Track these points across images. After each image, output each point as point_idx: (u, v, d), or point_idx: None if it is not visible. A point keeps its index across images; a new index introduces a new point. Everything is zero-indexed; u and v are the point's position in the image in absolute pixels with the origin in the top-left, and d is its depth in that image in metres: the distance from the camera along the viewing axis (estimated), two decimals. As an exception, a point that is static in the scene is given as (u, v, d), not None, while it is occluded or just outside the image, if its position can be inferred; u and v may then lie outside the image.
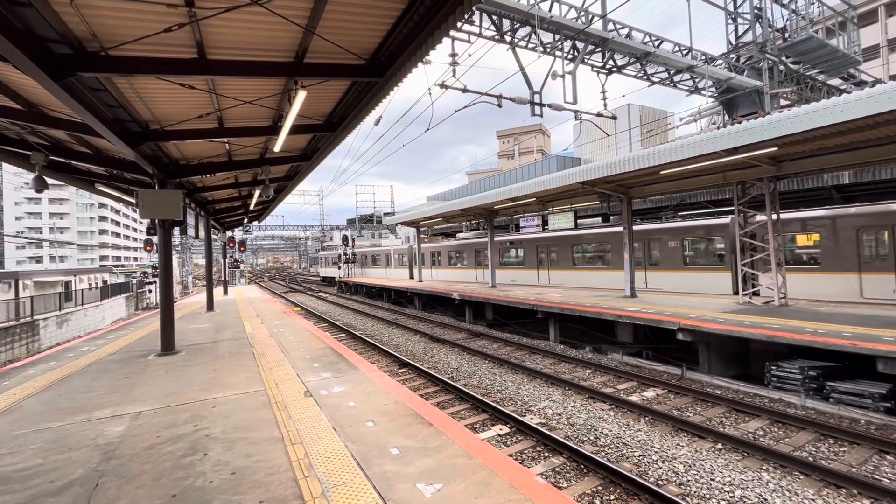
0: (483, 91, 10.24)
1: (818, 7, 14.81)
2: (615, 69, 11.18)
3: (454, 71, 9.27)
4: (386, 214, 55.45)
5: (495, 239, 22.32)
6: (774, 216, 10.77)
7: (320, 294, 32.60)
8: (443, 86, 9.57)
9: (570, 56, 10.13)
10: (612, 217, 17.46)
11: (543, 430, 6.10)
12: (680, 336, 8.87)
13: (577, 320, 12.07)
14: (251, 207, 16.47)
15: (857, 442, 5.71)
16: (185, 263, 46.27)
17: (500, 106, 10.22)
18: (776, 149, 9.13)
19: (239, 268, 41.09)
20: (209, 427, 4.55)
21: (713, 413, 6.98)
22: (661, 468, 5.22)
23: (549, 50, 9.90)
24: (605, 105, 11.42)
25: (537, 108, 9.89)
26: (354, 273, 39.37)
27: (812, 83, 15.13)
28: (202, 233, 12.83)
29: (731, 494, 4.63)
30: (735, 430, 6.33)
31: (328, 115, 7.58)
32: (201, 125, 7.10)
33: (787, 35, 13.20)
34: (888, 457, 5.37)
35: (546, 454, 5.69)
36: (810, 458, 5.36)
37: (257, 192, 12.41)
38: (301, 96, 5.56)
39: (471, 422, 6.88)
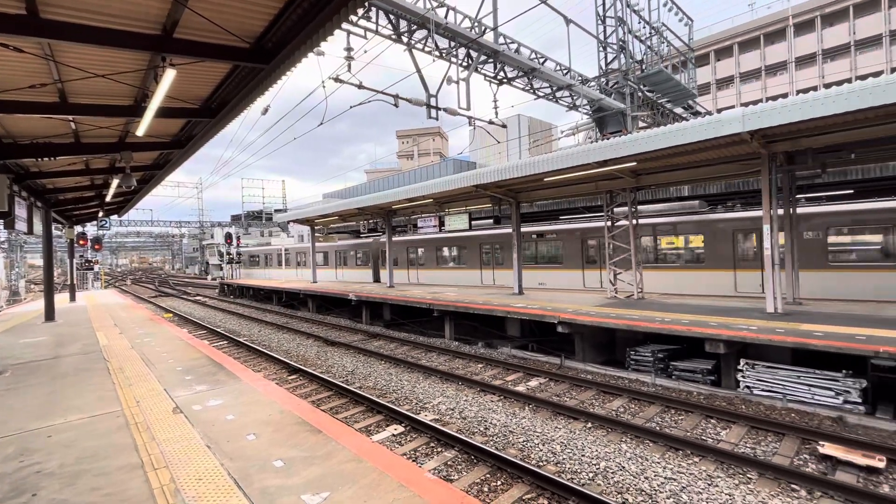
0: (380, 89, 10.16)
1: (667, 47, 17.53)
2: (506, 80, 11.95)
3: (349, 66, 9.03)
4: (277, 211, 51.84)
5: (397, 239, 22.37)
6: (635, 221, 12.46)
7: (198, 298, 29.26)
8: (337, 80, 9.25)
9: (464, 63, 10.56)
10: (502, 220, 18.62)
11: (437, 425, 6.25)
12: (560, 328, 9.78)
13: (471, 317, 12.61)
14: (108, 199, 14.12)
15: (690, 410, 6.87)
16: (15, 264, 37.89)
17: (396, 106, 10.23)
18: (635, 163, 10.57)
19: (93, 269, 34.87)
20: (42, 461, 3.79)
21: (585, 396, 7.83)
22: (541, 451, 5.70)
23: (444, 55, 10.19)
24: (497, 113, 12.16)
25: (433, 111, 10.11)
26: (240, 274, 36.14)
27: (663, 110, 17.86)
28: (38, 227, 10.62)
29: (597, 466, 5.23)
30: (602, 409, 7.17)
31: (206, 99, 6.83)
32: (34, 97, 5.88)
33: (643, 67, 15.44)
34: (712, 420, 6.55)
35: (439, 449, 5.83)
36: (657, 428, 6.31)
37: (115, 182, 10.68)
38: (169, 75, 4.92)
39: (365, 424, 6.76)
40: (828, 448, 5.21)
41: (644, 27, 16.42)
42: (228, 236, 34.79)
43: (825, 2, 34.53)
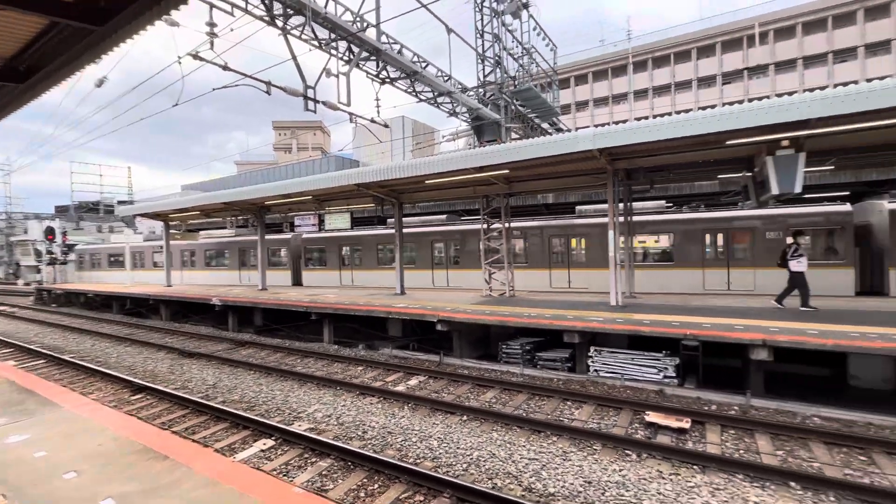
0: (249, 73, 9.27)
1: (536, 67, 19.37)
2: (388, 80, 11.92)
3: (212, 43, 8.06)
4: (121, 203, 43.96)
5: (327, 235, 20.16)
6: (507, 224, 13.46)
7: (3, 308, 23.31)
8: (197, 57, 8.18)
9: (345, 58, 10.24)
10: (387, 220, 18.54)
11: (311, 435, 5.93)
12: (439, 327, 10.08)
13: (352, 319, 12.29)
14: None
15: (551, 395, 7.65)
16: None
17: (268, 93, 9.44)
18: (508, 171, 11.43)
19: None
20: None
21: (462, 391, 8.19)
22: (419, 448, 5.78)
23: (323, 46, 9.74)
24: (379, 112, 12.06)
25: (311, 104, 9.59)
26: (71, 277, 29.86)
27: (532, 124, 19.67)
28: None
29: (471, 456, 5.50)
30: (477, 402, 7.58)
31: (10, 58, 5.47)
32: None
33: (516, 83, 16.84)
34: (568, 402, 7.39)
35: (314, 459, 5.53)
36: (524, 414, 6.89)
37: None
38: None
39: (228, 443, 6.09)
40: (651, 416, 6.27)
41: (517, 46, 17.89)
42: (50, 231, 28.40)
43: (657, 46, 41.82)
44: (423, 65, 12.34)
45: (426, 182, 12.50)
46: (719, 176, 12.39)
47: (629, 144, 8.71)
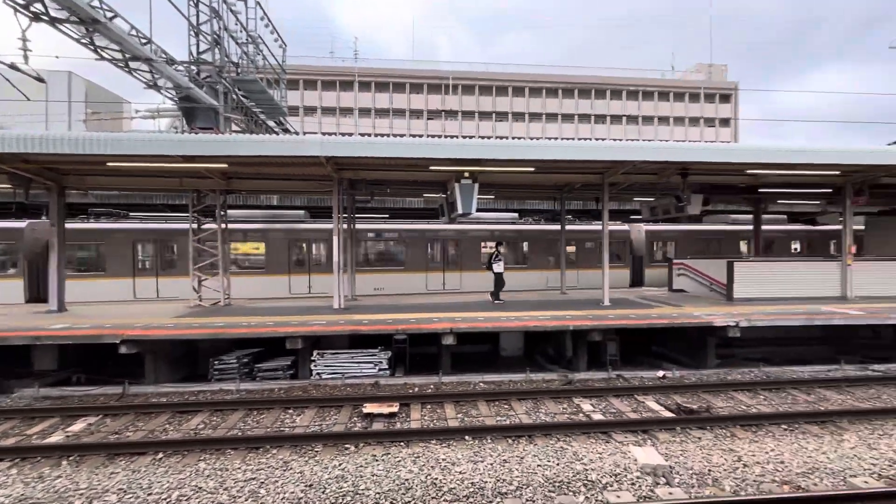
0: None
1: (263, 59, 18.20)
2: (46, 18, 8.64)
3: None
4: None
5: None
6: (223, 225, 12.01)
7: None
8: None
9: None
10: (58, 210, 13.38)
11: None
12: (124, 349, 7.98)
13: (-41, 353, 8.21)
14: None
15: (271, 407, 7.26)
16: None
17: None
18: (227, 165, 10.24)
19: None
20: None
21: (156, 424, 6.73)
22: (86, 511, 4.39)
23: None
24: (27, 58, 8.56)
25: None
26: None
27: (257, 119, 18.34)
28: None
29: (168, 498, 4.58)
30: (178, 432, 6.39)
31: None
32: None
33: (238, 70, 15.35)
34: (290, 410, 7.19)
35: None
36: (239, 434, 6.27)
37: None
38: None
39: None
40: (368, 408, 6.86)
41: (241, 32, 16.34)
42: None
43: (379, 72, 46.42)
44: (110, 14, 9.62)
45: (109, 164, 9.72)
46: (425, 195, 14.87)
47: (354, 157, 9.32)
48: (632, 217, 18.71)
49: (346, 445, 5.82)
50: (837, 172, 11.23)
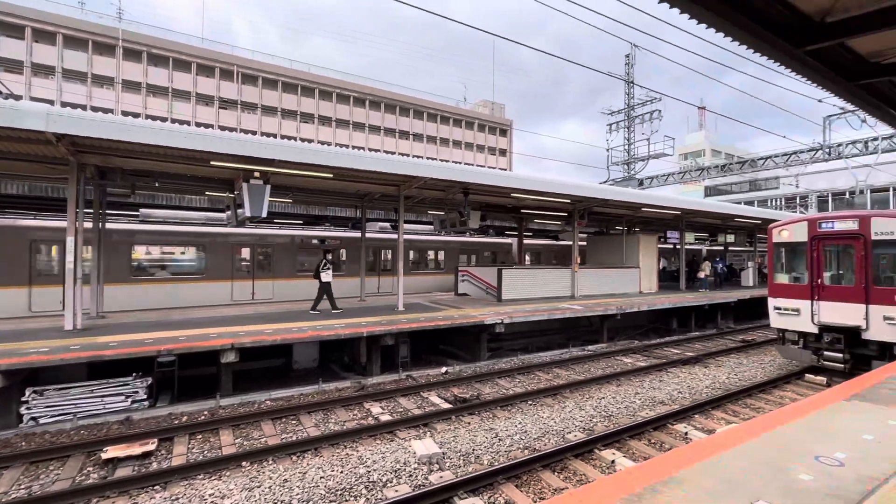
0: None
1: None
2: None
3: None
4: None
5: None
6: None
7: None
8: None
9: None
10: None
11: None
12: None
13: None
14: None
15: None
16: None
17: None
18: None
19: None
20: None
21: None
22: None
23: None
24: None
25: None
26: None
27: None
28: None
29: None
30: None
31: None
32: None
33: None
34: (-25, 477, 5.18)
35: None
36: None
37: None
38: None
39: None
40: (110, 452, 5.50)
41: None
42: None
43: (156, 43, 38.57)
44: None
45: None
46: (207, 193, 12.99)
47: (104, 139, 7.46)
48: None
49: (71, 506, 4.53)
50: (569, 201, 14.72)
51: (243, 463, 5.43)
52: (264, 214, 9.26)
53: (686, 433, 6.50)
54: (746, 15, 4.01)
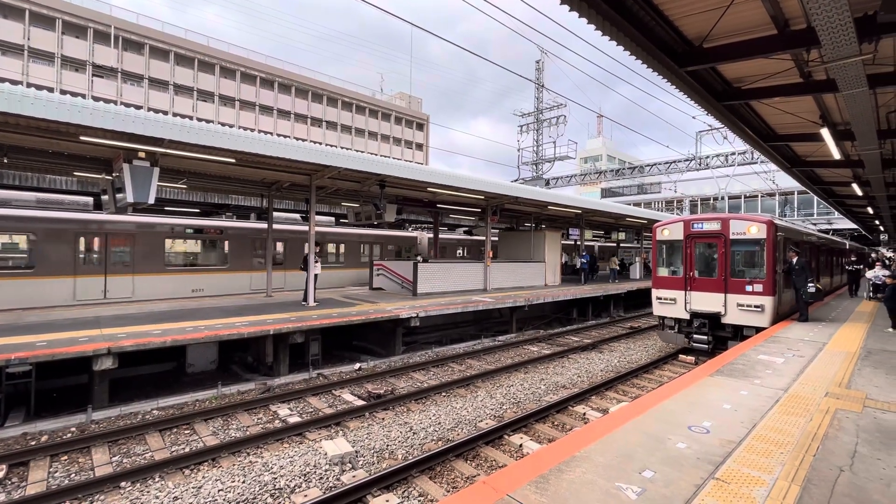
0: None
1: None
2: None
3: None
4: None
5: None
6: None
7: None
8: None
9: None
10: None
11: None
12: None
13: None
14: None
15: None
16: None
17: None
18: None
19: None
20: None
21: None
22: None
23: None
24: None
25: None
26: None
27: None
28: None
29: None
30: None
31: None
32: None
33: None
34: None
35: None
36: None
37: None
38: None
39: None
40: (-64, 486, 4.47)
41: None
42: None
43: (0, -11, 31.92)
44: None
45: None
46: (76, 174, 11.15)
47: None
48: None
49: None
50: (482, 197, 15.19)
51: (122, 483, 4.76)
52: (151, 201, 8.16)
53: (584, 413, 7.09)
54: (641, 31, 4.42)
